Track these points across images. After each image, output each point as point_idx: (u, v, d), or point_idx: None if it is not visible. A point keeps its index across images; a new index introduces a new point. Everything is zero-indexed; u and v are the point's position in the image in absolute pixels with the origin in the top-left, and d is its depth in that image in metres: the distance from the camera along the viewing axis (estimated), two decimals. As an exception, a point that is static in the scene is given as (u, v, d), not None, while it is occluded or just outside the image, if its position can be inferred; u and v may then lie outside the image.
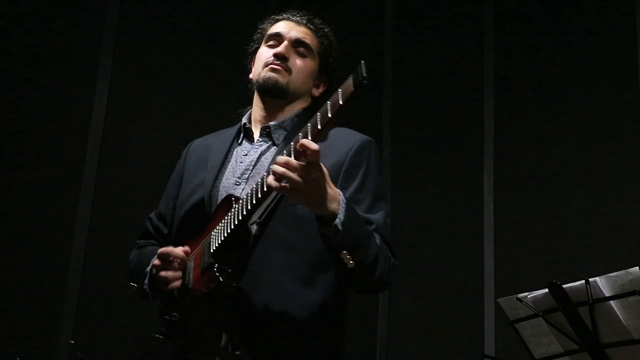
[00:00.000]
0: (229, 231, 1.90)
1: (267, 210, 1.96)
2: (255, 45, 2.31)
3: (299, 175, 1.74)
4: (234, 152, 2.17)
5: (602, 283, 1.94)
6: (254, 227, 1.96)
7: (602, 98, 4.03)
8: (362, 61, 1.67)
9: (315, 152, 1.72)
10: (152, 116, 4.05)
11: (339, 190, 1.86)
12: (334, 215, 1.82)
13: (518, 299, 2.12)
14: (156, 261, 2.00)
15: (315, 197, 1.79)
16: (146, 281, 2.10)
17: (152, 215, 2.33)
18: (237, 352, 1.94)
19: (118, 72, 4.02)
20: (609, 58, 4.07)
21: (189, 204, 2.13)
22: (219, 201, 2.05)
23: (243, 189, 2.04)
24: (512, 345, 3.57)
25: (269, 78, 2.15)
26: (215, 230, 1.96)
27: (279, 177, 1.75)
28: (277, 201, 1.96)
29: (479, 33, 4.37)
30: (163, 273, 1.97)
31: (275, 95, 2.16)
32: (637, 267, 1.91)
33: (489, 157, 4.15)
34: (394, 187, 4.26)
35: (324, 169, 1.80)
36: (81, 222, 3.78)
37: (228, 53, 4.12)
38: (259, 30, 2.33)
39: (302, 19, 2.26)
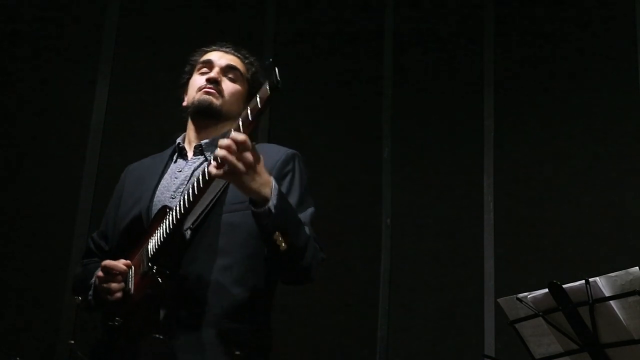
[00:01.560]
0: (165, 235, 2.04)
1: (200, 217, 2.11)
2: (187, 76, 2.47)
3: (238, 159, 1.87)
4: (169, 170, 2.33)
5: (602, 283, 1.94)
6: (188, 233, 2.09)
7: (602, 98, 4.03)
8: (274, 65, 1.84)
9: (245, 140, 1.86)
10: (152, 116, 4.05)
11: (271, 177, 1.99)
12: (267, 199, 1.94)
13: (518, 299, 2.12)
14: (99, 273, 2.13)
15: (251, 181, 1.92)
16: (91, 292, 2.25)
17: (94, 234, 2.47)
18: (237, 352, 1.99)
19: (118, 73, 4.03)
20: (609, 58, 4.07)
21: (127, 219, 2.27)
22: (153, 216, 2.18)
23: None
24: (512, 345, 3.56)
25: (204, 100, 2.31)
26: (152, 238, 2.10)
27: (221, 161, 1.87)
28: (209, 209, 2.11)
29: (479, 33, 4.37)
30: (106, 285, 2.11)
31: (209, 116, 2.32)
32: (637, 267, 1.91)
33: (489, 157, 4.15)
34: (394, 187, 4.26)
35: (259, 155, 1.94)
36: (81, 222, 3.78)
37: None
38: (190, 62, 2.49)
39: (230, 49, 2.44)
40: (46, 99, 3.91)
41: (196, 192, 1.98)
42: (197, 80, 2.38)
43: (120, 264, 2.11)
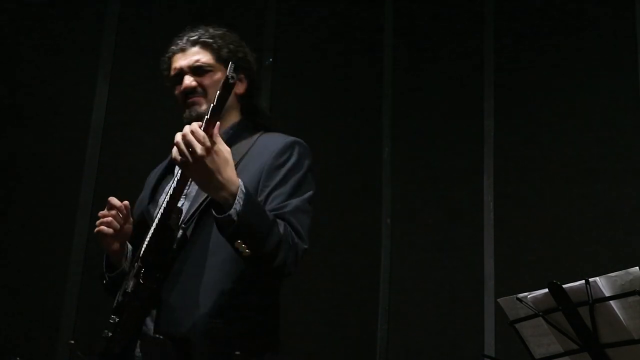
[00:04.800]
0: (151, 234, 2.05)
1: (190, 214, 2.09)
2: (167, 84, 2.43)
3: (187, 148, 1.85)
4: (174, 169, 2.30)
5: (602, 283, 1.94)
6: (180, 233, 2.07)
7: (603, 98, 4.03)
8: (232, 64, 1.81)
9: (193, 130, 1.85)
10: (152, 116, 4.05)
11: (240, 180, 1.92)
12: (229, 204, 1.88)
13: (518, 299, 2.12)
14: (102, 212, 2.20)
15: (206, 178, 1.87)
16: (104, 264, 2.28)
17: None
18: (237, 352, 1.98)
19: (118, 73, 4.03)
20: (610, 58, 4.07)
21: (135, 220, 2.29)
22: (156, 214, 2.17)
23: (182, 203, 2.14)
24: (512, 345, 3.57)
25: (192, 113, 2.28)
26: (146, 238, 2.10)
27: (179, 149, 1.87)
28: (201, 208, 2.08)
29: (479, 33, 4.37)
30: (104, 220, 2.18)
31: None
32: (637, 267, 1.91)
33: (489, 157, 4.16)
34: (394, 187, 4.27)
35: (225, 155, 1.88)
36: (81, 222, 3.78)
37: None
38: (164, 63, 2.43)
39: (187, 43, 2.34)
40: (46, 98, 3.90)
41: (175, 185, 1.98)
42: (177, 94, 2.35)
43: (120, 203, 2.17)
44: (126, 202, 2.20)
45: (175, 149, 1.89)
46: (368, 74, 4.45)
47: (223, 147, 1.89)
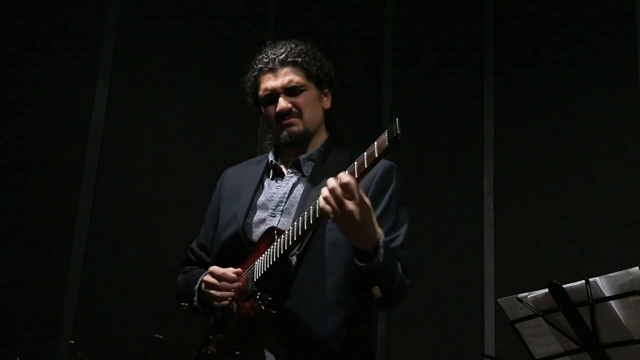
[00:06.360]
0: (271, 263, 2.03)
1: (305, 242, 2.09)
2: (250, 97, 2.37)
3: (338, 203, 1.86)
4: (265, 185, 2.30)
5: (602, 283, 1.94)
6: (294, 259, 2.09)
7: (602, 98, 4.03)
8: (397, 118, 1.80)
9: (349, 183, 1.85)
10: (152, 116, 4.05)
11: (380, 229, 1.96)
12: (373, 252, 1.93)
13: (518, 299, 2.12)
14: (207, 277, 2.14)
15: (358, 228, 1.89)
16: (195, 298, 2.23)
17: (194, 245, 2.44)
18: (237, 352, 1.99)
19: (118, 72, 4.03)
20: (610, 58, 4.07)
21: (224, 237, 2.26)
22: (252, 233, 2.19)
23: (279, 221, 2.17)
24: (512, 345, 3.57)
25: (289, 135, 2.25)
26: (258, 260, 2.09)
27: (328, 200, 1.87)
28: (313, 232, 2.08)
29: (479, 33, 4.37)
30: (214, 292, 2.11)
31: (301, 143, 2.28)
32: (637, 267, 1.91)
33: (489, 157, 4.15)
34: (394, 187, 4.26)
35: (368, 206, 1.90)
36: (81, 222, 3.78)
37: (228, 53, 4.12)
38: (248, 80, 2.36)
39: (278, 63, 2.30)
40: (46, 99, 3.90)
41: (307, 225, 1.97)
42: (270, 113, 2.29)
43: (229, 271, 2.11)
44: (238, 270, 2.14)
45: (322, 200, 1.89)
46: (368, 74, 4.45)
47: (366, 199, 1.91)
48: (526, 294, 2.11)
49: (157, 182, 3.96)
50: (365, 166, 1.85)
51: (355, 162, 1.88)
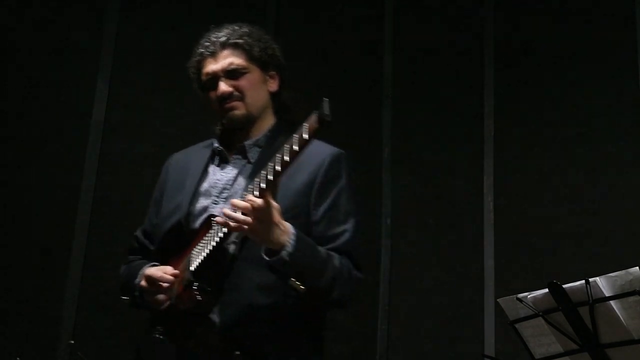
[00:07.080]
0: (207, 251, 2.00)
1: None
2: (196, 85, 2.32)
3: (251, 219, 1.86)
4: (210, 171, 2.25)
5: (602, 283, 1.94)
6: (232, 247, 2.04)
7: (602, 98, 4.03)
8: (326, 99, 1.73)
9: (261, 206, 1.85)
10: (152, 116, 4.05)
11: (289, 225, 1.95)
12: (282, 246, 1.92)
13: (518, 299, 2.12)
14: (143, 283, 2.10)
15: (267, 235, 1.90)
16: (137, 292, 2.18)
17: (138, 232, 2.41)
18: (237, 352, 1.98)
19: (118, 73, 4.03)
20: (609, 59, 4.07)
21: (167, 225, 2.21)
22: (196, 221, 2.14)
23: (222, 208, 2.11)
24: (512, 345, 3.57)
25: (231, 118, 2.21)
26: (196, 248, 2.06)
27: (227, 224, 1.89)
28: None
29: (479, 33, 4.37)
30: (152, 297, 2.07)
31: (244, 126, 2.23)
32: (637, 267, 1.91)
33: (489, 157, 4.15)
34: (394, 187, 4.26)
35: (275, 206, 1.90)
36: (81, 222, 3.78)
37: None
38: (191, 66, 2.32)
39: (219, 46, 2.24)
40: (46, 97, 3.91)
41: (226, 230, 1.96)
42: (212, 98, 2.24)
43: (167, 275, 2.05)
44: (175, 272, 2.09)
45: (226, 219, 1.89)
46: (369, 75, 4.45)
47: (274, 204, 1.90)
48: (526, 294, 2.11)
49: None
50: (265, 182, 1.84)
51: (285, 146, 1.83)
